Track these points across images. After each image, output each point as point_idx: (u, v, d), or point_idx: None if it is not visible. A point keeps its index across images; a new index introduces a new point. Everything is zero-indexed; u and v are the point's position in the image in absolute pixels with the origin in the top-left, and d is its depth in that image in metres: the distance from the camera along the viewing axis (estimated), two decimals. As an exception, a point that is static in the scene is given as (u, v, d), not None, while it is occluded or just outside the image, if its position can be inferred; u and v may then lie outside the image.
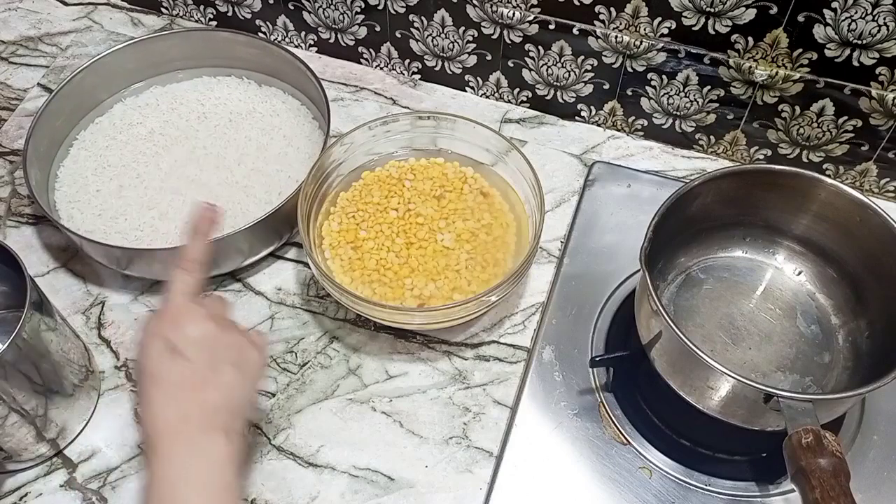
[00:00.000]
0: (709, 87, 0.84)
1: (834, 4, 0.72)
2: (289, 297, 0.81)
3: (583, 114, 0.93)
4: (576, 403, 0.73)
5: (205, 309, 0.57)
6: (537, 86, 0.92)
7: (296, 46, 1.01)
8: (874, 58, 0.75)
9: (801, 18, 0.74)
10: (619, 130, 0.93)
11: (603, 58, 0.85)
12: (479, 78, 0.94)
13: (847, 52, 0.75)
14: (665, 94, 0.86)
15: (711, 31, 0.79)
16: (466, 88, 0.96)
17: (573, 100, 0.91)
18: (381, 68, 0.99)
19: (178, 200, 0.83)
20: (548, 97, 0.93)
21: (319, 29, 0.97)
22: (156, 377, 0.55)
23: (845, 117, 0.81)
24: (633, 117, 0.91)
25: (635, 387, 0.73)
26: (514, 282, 0.73)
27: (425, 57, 0.95)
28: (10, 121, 0.96)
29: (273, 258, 0.83)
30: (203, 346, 0.56)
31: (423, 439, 0.72)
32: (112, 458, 0.72)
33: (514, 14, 0.85)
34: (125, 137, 0.89)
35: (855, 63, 0.76)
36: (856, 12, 0.72)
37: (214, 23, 1.03)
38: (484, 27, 0.88)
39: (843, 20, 0.73)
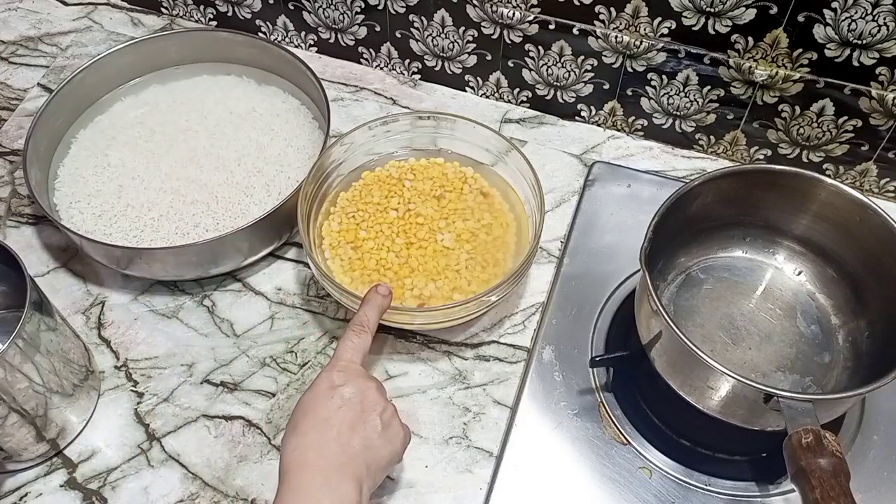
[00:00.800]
0: (709, 87, 0.84)
1: (834, 4, 0.72)
2: (289, 297, 0.81)
3: (583, 114, 0.93)
4: (576, 403, 0.73)
5: (368, 374, 0.62)
6: (537, 86, 0.92)
7: (296, 46, 1.01)
8: (874, 58, 0.75)
9: (801, 18, 0.74)
10: (619, 130, 0.93)
11: (603, 58, 0.85)
12: (479, 78, 0.94)
13: (847, 52, 0.75)
14: (665, 94, 0.86)
15: (711, 31, 0.79)
16: (466, 88, 0.96)
17: (573, 100, 0.91)
18: (381, 68, 0.99)
19: (178, 201, 0.83)
20: (548, 97, 0.93)
21: (319, 29, 0.97)
22: (310, 410, 0.58)
23: (845, 117, 0.81)
24: (633, 117, 0.91)
25: (635, 387, 0.73)
26: (514, 282, 0.73)
27: (425, 57, 0.95)
28: (10, 121, 0.96)
29: (273, 258, 0.83)
30: (361, 397, 0.60)
31: (423, 439, 0.72)
32: (112, 458, 0.72)
33: (514, 14, 0.85)
34: (125, 137, 0.89)
35: (855, 63, 0.76)
36: (856, 12, 0.72)
37: (214, 23, 1.03)
38: (484, 27, 0.88)
39: (843, 20, 0.73)
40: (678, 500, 0.67)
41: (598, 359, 0.71)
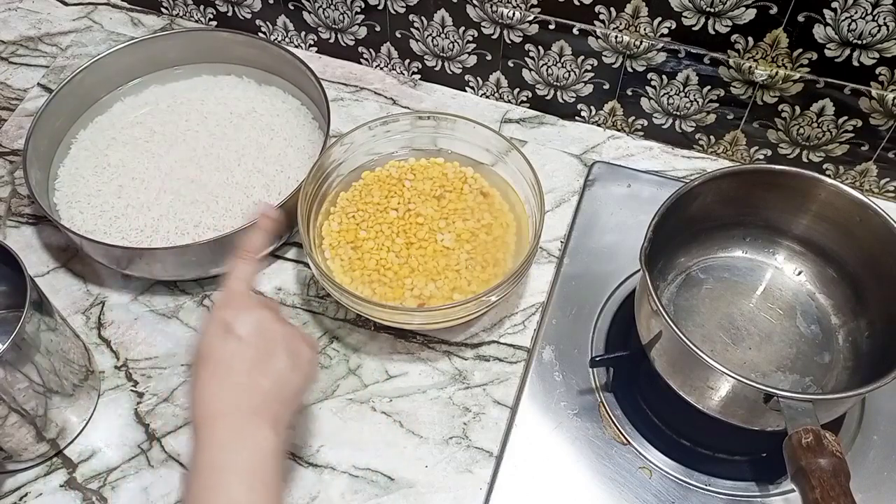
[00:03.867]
0: (709, 87, 0.84)
1: (834, 4, 0.72)
2: (289, 297, 0.81)
3: (583, 114, 0.93)
4: (576, 403, 0.73)
5: (261, 299, 0.58)
6: (537, 86, 0.92)
7: (296, 46, 1.01)
8: (874, 58, 0.75)
9: (801, 18, 0.74)
10: (619, 130, 0.93)
11: (603, 58, 0.85)
12: (479, 78, 0.94)
13: (847, 52, 0.75)
14: (665, 94, 0.86)
15: (711, 31, 0.79)
16: (466, 88, 0.96)
17: (573, 100, 0.91)
18: (381, 68, 0.99)
19: (178, 201, 0.83)
20: (548, 97, 0.93)
21: (319, 29, 0.97)
22: (208, 357, 0.55)
23: (845, 117, 0.81)
24: (633, 117, 0.91)
25: (635, 387, 0.73)
26: (514, 282, 0.73)
27: (425, 57, 0.95)
28: (10, 121, 0.96)
29: (273, 258, 0.83)
30: (258, 332, 0.56)
31: (423, 439, 0.72)
32: (112, 458, 0.72)
33: (514, 14, 0.85)
34: (125, 137, 0.89)
35: (855, 63, 0.76)
36: (856, 12, 0.72)
37: (214, 23, 1.03)
38: (484, 27, 0.88)
39: (843, 20, 0.73)
40: (678, 500, 0.67)
41: (598, 359, 0.71)
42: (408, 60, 0.96)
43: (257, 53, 0.92)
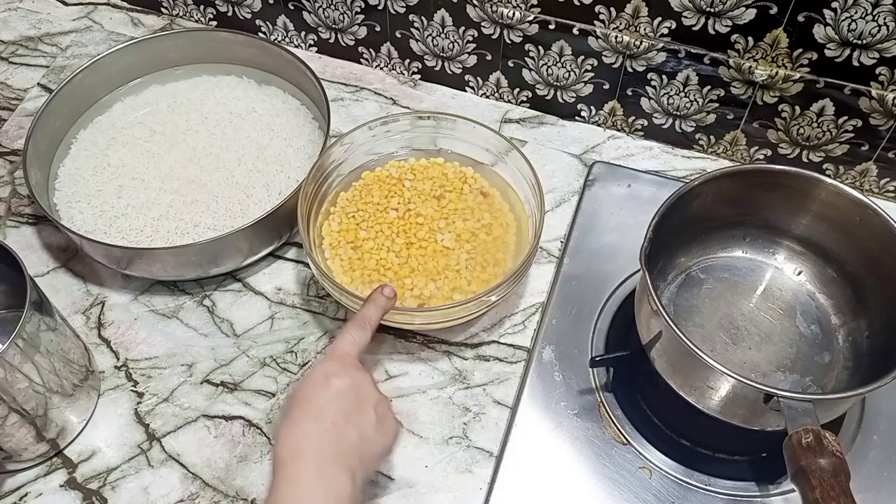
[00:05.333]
0: (709, 87, 0.84)
1: (834, 4, 0.72)
2: (289, 297, 0.81)
3: (583, 114, 0.93)
4: (576, 403, 0.73)
5: (364, 367, 0.62)
6: (537, 86, 0.92)
7: (296, 46, 1.01)
8: (874, 58, 0.75)
9: (801, 18, 0.74)
10: (619, 130, 0.93)
11: (603, 58, 0.85)
12: (479, 78, 0.94)
13: (847, 52, 0.75)
14: (665, 94, 0.86)
15: (711, 31, 0.79)
16: (466, 88, 0.96)
17: (573, 100, 0.91)
18: (381, 68, 0.99)
19: (178, 201, 0.83)
20: (548, 97, 0.93)
21: (319, 29, 0.97)
22: (305, 399, 0.58)
23: (845, 117, 0.81)
24: (633, 117, 0.91)
25: (635, 387, 0.73)
26: (514, 282, 0.73)
27: (425, 57, 0.95)
28: (10, 121, 0.96)
29: (273, 258, 0.83)
30: (354, 388, 0.59)
31: (423, 439, 0.72)
32: (112, 458, 0.72)
33: (514, 14, 0.85)
34: (125, 137, 0.89)
35: (855, 63, 0.76)
36: (856, 12, 0.72)
37: (214, 23, 1.03)
38: (484, 27, 0.88)
39: (843, 20, 0.73)
40: (678, 500, 0.67)
41: (598, 359, 0.71)
42: (408, 60, 0.96)
43: (257, 53, 0.92)
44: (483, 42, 0.90)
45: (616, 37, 0.83)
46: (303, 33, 0.99)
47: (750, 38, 0.78)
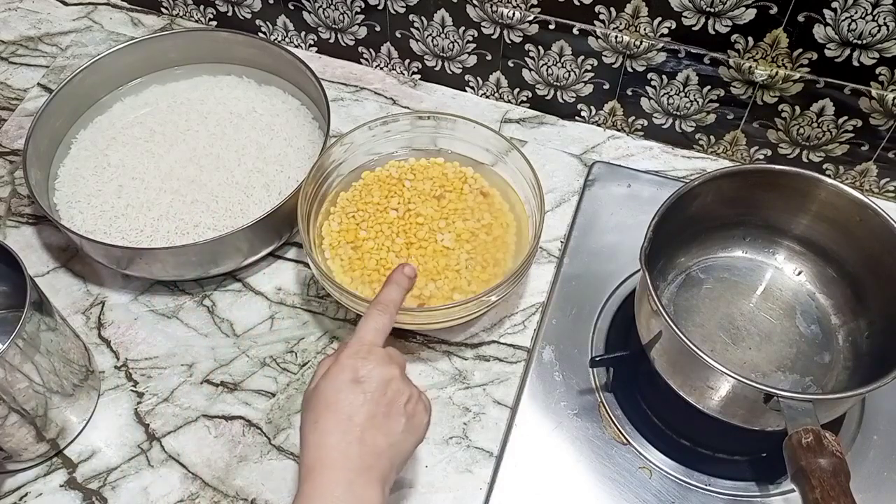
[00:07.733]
0: (709, 87, 0.84)
1: (834, 4, 0.72)
2: (289, 297, 0.81)
3: (583, 114, 0.93)
4: (576, 403, 0.73)
5: (391, 354, 0.59)
6: (537, 86, 0.92)
7: (296, 46, 1.01)
8: (874, 58, 0.75)
9: (801, 18, 0.74)
10: (619, 130, 0.93)
11: (603, 58, 0.85)
12: (479, 78, 0.94)
13: (847, 52, 0.75)
14: (665, 94, 0.86)
15: (711, 31, 0.79)
16: (466, 88, 0.96)
17: (573, 100, 0.91)
18: (381, 68, 0.99)
19: (178, 200, 0.83)
20: (548, 97, 0.93)
21: (319, 29, 0.97)
22: (334, 406, 0.56)
23: (845, 117, 0.81)
24: (633, 117, 0.91)
25: (635, 387, 0.73)
26: (514, 282, 0.73)
27: (425, 57, 0.95)
28: (10, 121, 0.96)
29: (273, 258, 0.83)
30: (383, 390, 0.57)
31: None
32: (112, 458, 0.72)
33: (514, 14, 0.85)
34: (125, 137, 0.89)
35: (855, 63, 0.76)
36: (856, 12, 0.72)
37: (214, 23, 1.03)
38: (484, 27, 0.88)
39: (843, 20, 0.73)
40: (678, 500, 0.67)
41: (598, 359, 0.71)
42: (408, 60, 0.96)
43: (257, 53, 0.92)
44: (483, 42, 0.90)
45: (616, 37, 0.83)
46: (303, 33, 0.99)
47: (750, 38, 0.78)
